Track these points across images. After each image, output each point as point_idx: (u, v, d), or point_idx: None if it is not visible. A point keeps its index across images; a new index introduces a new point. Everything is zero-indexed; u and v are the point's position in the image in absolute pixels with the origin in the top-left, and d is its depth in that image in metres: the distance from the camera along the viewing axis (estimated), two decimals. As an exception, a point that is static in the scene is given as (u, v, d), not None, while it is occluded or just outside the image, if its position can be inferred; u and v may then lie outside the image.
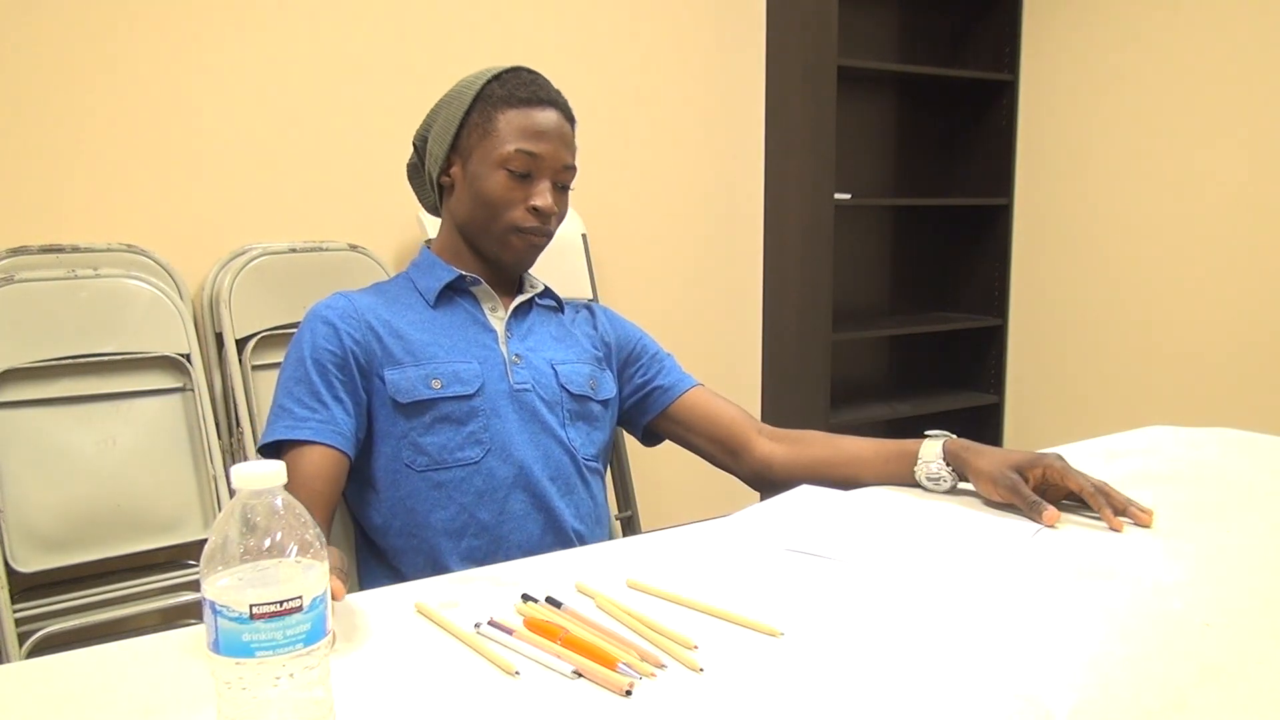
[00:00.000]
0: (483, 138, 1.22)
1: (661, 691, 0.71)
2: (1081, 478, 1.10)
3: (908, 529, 1.06)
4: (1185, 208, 3.02)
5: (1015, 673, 0.73)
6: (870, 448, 1.27)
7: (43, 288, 1.94)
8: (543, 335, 1.31)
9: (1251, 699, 0.69)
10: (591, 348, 1.35)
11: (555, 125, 1.23)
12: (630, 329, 1.42)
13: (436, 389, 1.19)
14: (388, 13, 2.45)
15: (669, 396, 1.37)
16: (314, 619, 0.59)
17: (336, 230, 2.40)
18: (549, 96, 1.24)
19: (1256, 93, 2.83)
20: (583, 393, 1.29)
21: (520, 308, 1.31)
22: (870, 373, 3.62)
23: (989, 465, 1.13)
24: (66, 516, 1.93)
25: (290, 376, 1.18)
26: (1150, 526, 1.06)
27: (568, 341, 1.33)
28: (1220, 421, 1.58)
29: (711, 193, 3.09)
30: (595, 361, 1.34)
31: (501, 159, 1.20)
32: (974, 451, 1.17)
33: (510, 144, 1.20)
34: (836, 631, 0.81)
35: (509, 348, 1.26)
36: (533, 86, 1.23)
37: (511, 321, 1.29)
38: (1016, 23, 3.32)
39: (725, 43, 3.04)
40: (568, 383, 1.28)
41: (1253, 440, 1.47)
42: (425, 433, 1.19)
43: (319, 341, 1.18)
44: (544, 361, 1.28)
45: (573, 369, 1.30)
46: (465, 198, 1.25)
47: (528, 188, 1.22)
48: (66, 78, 2.08)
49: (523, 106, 1.22)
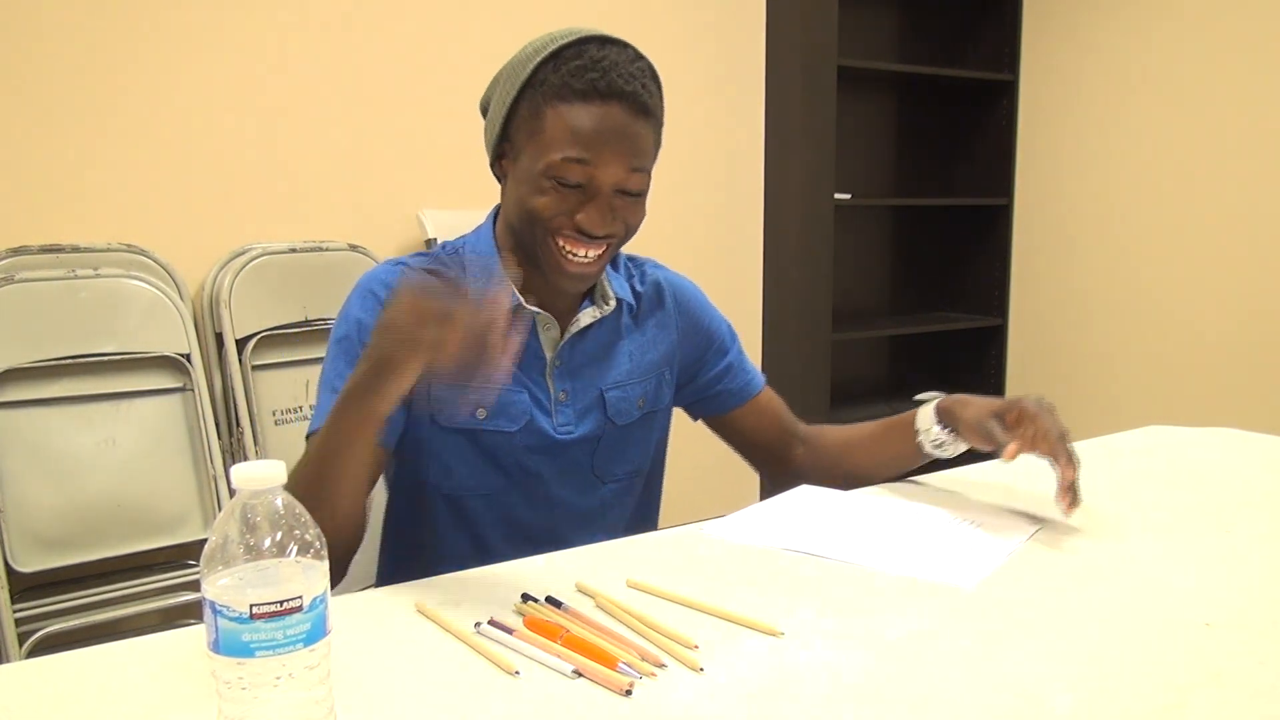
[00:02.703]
0: (530, 137, 1.03)
1: (661, 691, 0.71)
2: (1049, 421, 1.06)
3: (908, 529, 1.06)
4: (1185, 207, 3.02)
5: (1015, 673, 0.73)
6: (865, 431, 1.26)
7: (43, 288, 1.94)
8: (600, 355, 1.16)
9: (1251, 699, 0.69)
10: (656, 353, 1.21)
11: (617, 126, 1.01)
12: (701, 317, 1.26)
13: (480, 418, 1.08)
14: (387, 13, 2.44)
15: (731, 403, 1.28)
16: (314, 619, 0.59)
17: (336, 230, 2.40)
18: (613, 86, 1.01)
19: (1257, 93, 2.83)
20: (629, 420, 1.18)
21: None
22: (870, 373, 3.62)
23: (972, 415, 1.12)
24: (66, 516, 1.93)
25: (336, 355, 1.06)
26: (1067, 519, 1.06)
27: (630, 353, 1.19)
28: (1220, 421, 1.58)
29: (711, 192, 3.08)
30: (656, 369, 1.21)
31: (547, 168, 1.01)
32: (961, 404, 1.15)
33: (557, 150, 1.00)
34: (836, 631, 0.81)
35: (555, 382, 1.13)
36: (593, 73, 1.01)
37: (564, 348, 1.13)
38: (1016, 23, 3.32)
39: (725, 43, 3.04)
40: (616, 415, 1.16)
41: (1253, 440, 1.47)
42: (458, 460, 1.10)
43: (367, 320, 1.05)
44: (593, 392, 1.15)
45: (624, 393, 1.17)
46: (511, 201, 1.08)
47: (577, 201, 1.03)
48: (67, 78, 2.08)
49: (578, 101, 1.00)
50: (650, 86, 1.05)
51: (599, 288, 1.16)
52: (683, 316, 1.24)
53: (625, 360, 1.18)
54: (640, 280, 1.23)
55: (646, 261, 1.27)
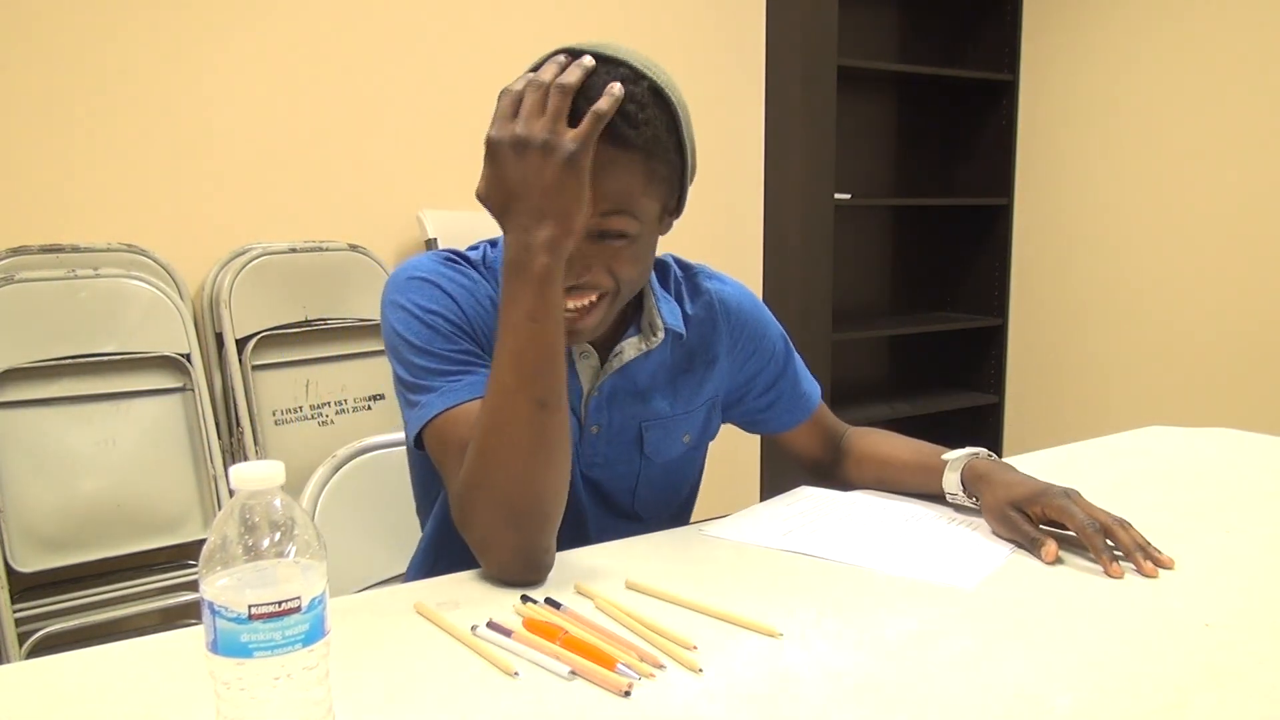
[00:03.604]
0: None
1: (661, 692, 0.71)
2: (1078, 514, 0.96)
3: (907, 530, 1.06)
4: (1185, 207, 3.01)
5: (1015, 673, 0.73)
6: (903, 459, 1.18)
7: (43, 288, 1.94)
8: (642, 388, 1.07)
9: (1251, 699, 0.69)
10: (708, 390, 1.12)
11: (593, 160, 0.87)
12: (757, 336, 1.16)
13: None
14: (387, 13, 2.44)
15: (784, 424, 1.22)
16: (313, 619, 0.59)
17: (336, 230, 2.40)
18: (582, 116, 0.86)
19: (1257, 93, 2.83)
20: (668, 457, 1.10)
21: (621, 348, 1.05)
22: (870, 373, 3.62)
23: (993, 501, 1.03)
24: (66, 516, 1.93)
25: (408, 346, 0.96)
26: (1156, 577, 0.92)
27: (677, 386, 1.09)
28: (1220, 421, 1.58)
29: (711, 193, 3.08)
30: (704, 406, 1.12)
31: None
32: (985, 483, 1.05)
33: None
34: (836, 631, 0.81)
35: (590, 415, 1.04)
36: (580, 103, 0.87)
37: (605, 381, 1.05)
38: (1016, 23, 3.32)
39: (725, 43, 3.04)
40: (654, 452, 1.08)
41: (1253, 440, 1.47)
42: None
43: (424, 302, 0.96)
44: (633, 426, 1.06)
45: (665, 428, 1.08)
46: None
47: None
48: (67, 78, 2.08)
49: None
50: (642, 115, 0.90)
51: (646, 314, 1.06)
52: (735, 338, 1.14)
53: (671, 395, 1.09)
54: (692, 298, 1.12)
55: (699, 271, 1.15)
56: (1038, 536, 0.97)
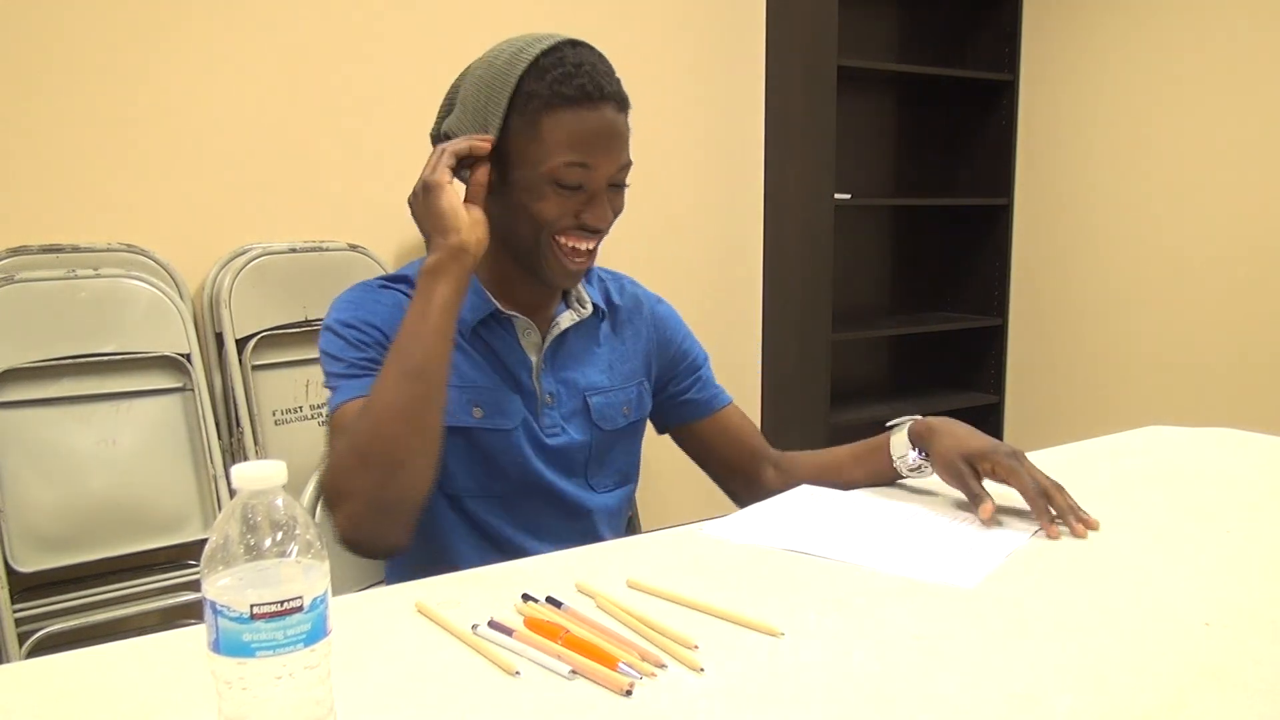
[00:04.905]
0: (527, 144, 1.05)
1: (661, 691, 0.71)
2: (1025, 476, 1.06)
3: (907, 529, 1.06)
4: (1185, 208, 3.02)
5: (1015, 673, 0.73)
6: (841, 455, 1.27)
7: (43, 288, 1.94)
8: (583, 361, 1.20)
9: (1251, 699, 0.69)
10: (634, 362, 1.24)
11: (608, 126, 1.06)
12: (675, 330, 1.31)
13: (478, 418, 1.11)
14: (387, 12, 2.44)
15: (697, 413, 1.30)
16: (314, 619, 0.59)
17: (336, 230, 2.40)
18: (600, 90, 1.05)
19: (1256, 93, 2.83)
20: (615, 426, 1.21)
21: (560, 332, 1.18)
22: (870, 373, 3.62)
23: (944, 450, 1.14)
24: (66, 516, 1.93)
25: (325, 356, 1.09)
26: (1085, 538, 1.02)
27: (610, 360, 1.22)
28: (1220, 421, 1.58)
29: (711, 193, 3.09)
30: (635, 377, 1.24)
31: (549, 173, 1.04)
32: (935, 433, 1.16)
33: (558, 155, 1.04)
34: (836, 631, 0.81)
35: (543, 384, 1.16)
36: (580, 78, 1.04)
37: (548, 351, 1.17)
38: (1016, 23, 3.32)
39: (725, 43, 3.04)
40: (601, 420, 1.19)
41: (1253, 440, 1.47)
42: (457, 457, 1.11)
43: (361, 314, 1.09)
44: (579, 395, 1.18)
45: (609, 400, 1.20)
46: (505, 207, 1.09)
47: (579, 201, 1.07)
48: (67, 78, 2.08)
49: (571, 107, 1.04)
50: (619, 81, 1.11)
51: (575, 292, 1.21)
52: (659, 330, 1.28)
53: (606, 366, 1.22)
54: (618, 293, 1.27)
55: (624, 277, 1.31)
56: (980, 493, 1.08)
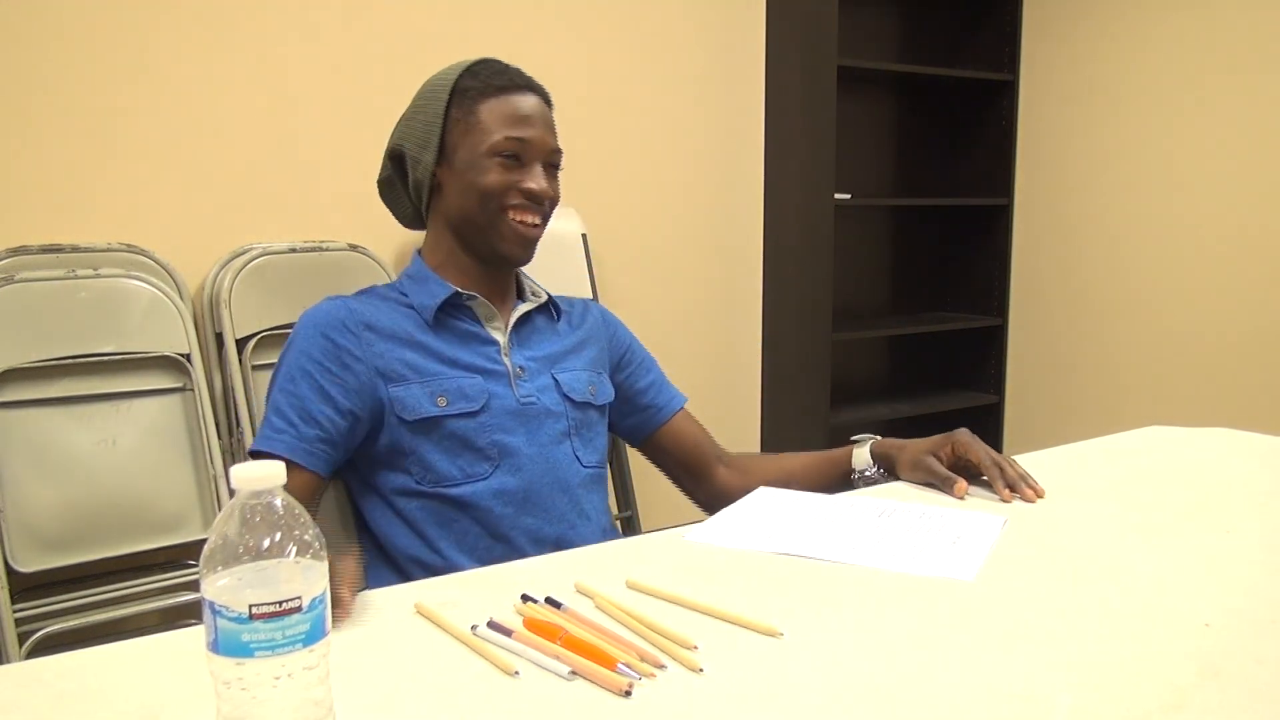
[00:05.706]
0: (467, 132, 1.21)
1: (661, 691, 0.71)
2: (981, 450, 1.20)
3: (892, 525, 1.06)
4: (1185, 207, 3.02)
5: (1015, 673, 0.73)
6: (800, 461, 1.36)
7: (43, 288, 1.94)
8: (544, 343, 1.30)
9: (1251, 699, 0.69)
10: (590, 351, 1.35)
11: (538, 109, 1.23)
12: (623, 331, 1.43)
13: (442, 406, 1.18)
14: (386, 13, 2.44)
15: (658, 419, 1.41)
16: (313, 619, 0.59)
17: (336, 230, 2.40)
18: (525, 81, 1.24)
19: (1256, 92, 2.83)
20: (584, 400, 1.29)
21: (521, 317, 1.29)
22: (870, 373, 3.62)
23: (910, 454, 1.25)
24: (66, 516, 1.93)
25: (280, 387, 1.18)
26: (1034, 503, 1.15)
27: (568, 347, 1.32)
28: (1220, 421, 1.58)
29: (711, 193, 3.08)
30: (594, 366, 1.34)
31: (491, 148, 1.20)
32: (897, 447, 1.27)
33: (497, 132, 1.20)
34: (836, 631, 0.81)
35: (513, 360, 1.25)
36: (507, 74, 1.23)
37: (512, 333, 1.27)
38: (1016, 23, 3.32)
39: (725, 43, 3.04)
40: (570, 392, 1.27)
41: (1253, 440, 1.47)
42: (433, 450, 1.17)
43: (313, 352, 1.17)
44: (546, 371, 1.27)
45: (574, 376, 1.29)
46: (455, 194, 1.22)
47: (520, 173, 1.21)
48: (67, 78, 2.08)
49: (502, 94, 1.21)
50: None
51: (528, 284, 1.34)
52: (608, 326, 1.40)
53: (567, 352, 1.31)
54: (566, 303, 1.39)
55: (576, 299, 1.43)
56: (949, 476, 1.19)
